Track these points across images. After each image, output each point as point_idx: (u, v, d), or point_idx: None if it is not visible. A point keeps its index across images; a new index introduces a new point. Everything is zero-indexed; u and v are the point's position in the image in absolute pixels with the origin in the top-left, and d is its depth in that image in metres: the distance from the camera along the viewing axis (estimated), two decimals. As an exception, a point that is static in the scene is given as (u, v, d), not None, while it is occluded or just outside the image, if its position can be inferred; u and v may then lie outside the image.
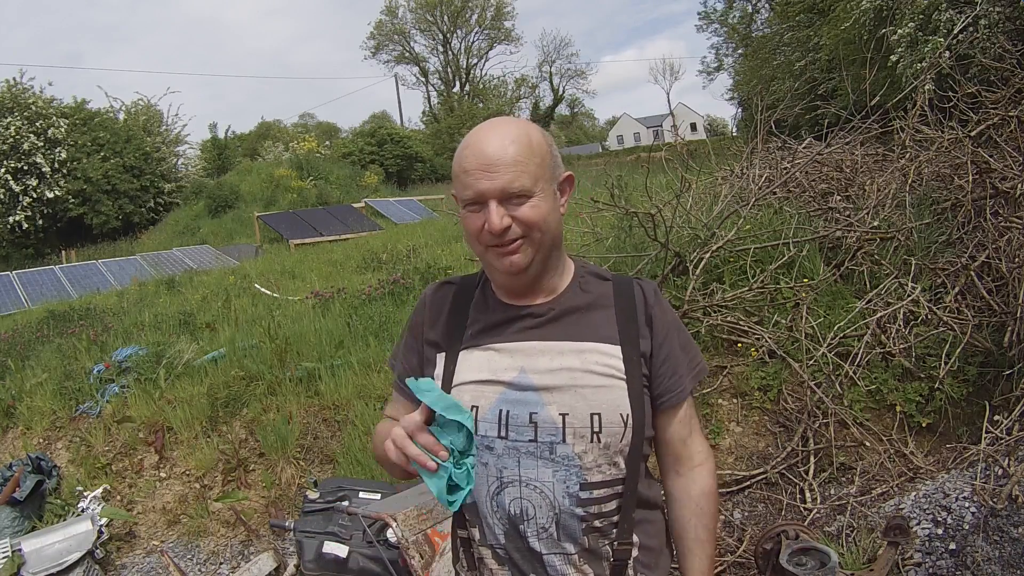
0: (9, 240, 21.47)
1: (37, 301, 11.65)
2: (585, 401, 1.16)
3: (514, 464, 1.17)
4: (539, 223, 1.17)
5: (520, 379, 1.18)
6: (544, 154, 1.19)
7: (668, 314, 1.28)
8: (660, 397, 1.24)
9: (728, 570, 2.67)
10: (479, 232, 1.17)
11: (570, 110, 58.62)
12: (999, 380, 2.95)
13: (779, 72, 14.13)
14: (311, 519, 2.75)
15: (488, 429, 1.18)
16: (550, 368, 1.18)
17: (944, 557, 2.38)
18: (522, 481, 1.16)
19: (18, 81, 22.29)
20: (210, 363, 4.92)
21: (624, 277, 1.32)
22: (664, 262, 3.62)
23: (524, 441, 1.16)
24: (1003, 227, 3.37)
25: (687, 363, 1.26)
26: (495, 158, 1.14)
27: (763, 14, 22.33)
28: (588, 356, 1.19)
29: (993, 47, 6.24)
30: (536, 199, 1.16)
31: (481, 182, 1.14)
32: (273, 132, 40.65)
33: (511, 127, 1.19)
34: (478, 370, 1.21)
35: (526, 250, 1.17)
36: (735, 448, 3.16)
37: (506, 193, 1.14)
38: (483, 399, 1.19)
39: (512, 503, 1.17)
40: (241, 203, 21.27)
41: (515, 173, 1.14)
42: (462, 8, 42.07)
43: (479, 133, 1.19)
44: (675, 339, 1.26)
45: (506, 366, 1.20)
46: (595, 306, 1.25)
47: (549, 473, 1.15)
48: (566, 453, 1.15)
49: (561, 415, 1.15)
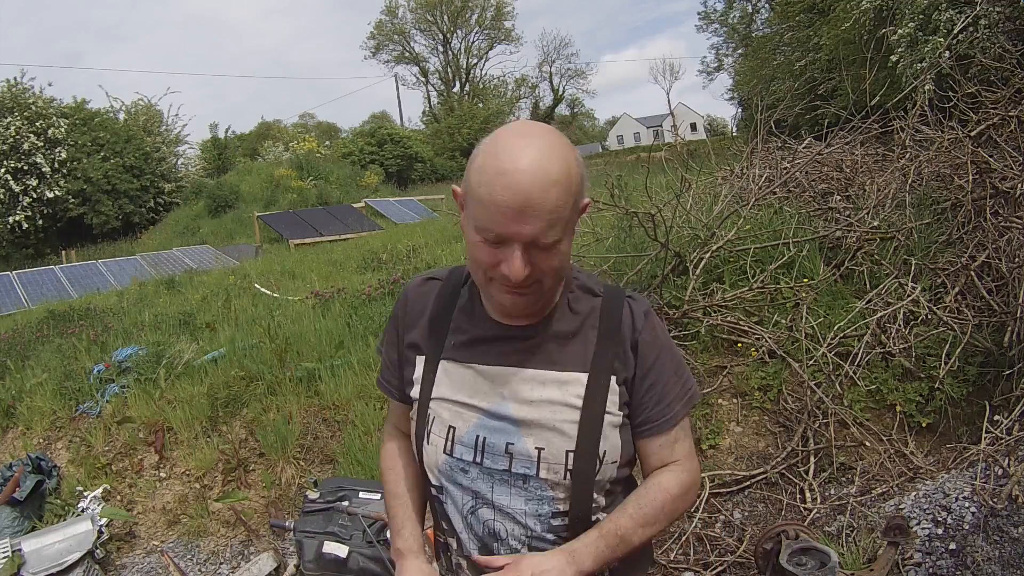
0: (9, 240, 21.48)
1: (37, 301, 11.65)
2: (562, 437, 1.12)
3: (488, 489, 1.15)
4: (560, 271, 1.09)
5: (499, 407, 1.14)
6: (580, 190, 1.06)
7: (659, 337, 1.19)
8: (643, 425, 1.18)
9: (728, 570, 2.67)
10: (489, 267, 1.06)
11: (570, 110, 58.56)
12: (999, 380, 2.95)
13: (779, 72, 14.12)
14: (311, 519, 2.75)
15: (464, 453, 1.16)
16: (530, 399, 1.13)
17: (944, 557, 2.38)
18: (495, 506, 1.15)
19: (18, 81, 22.34)
20: (210, 363, 4.91)
21: (616, 293, 1.21)
22: (664, 262, 3.62)
23: (498, 469, 1.14)
24: (1003, 227, 3.37)
25: (678, 389, 1.18)
26: (534, 202, 0.98)
27: (763, 14, 22.33)
28: (570, 388, 1.13)
29: (993, 47, 6.24)
30: (563, 244, 1.05)
31: (512, 226, 1.00)
32: (273, 132, 40.61)
33: (555, 159, 1.01)
34: (458, 389, 1.17)
35: (536, 294, 1.09)
36: (735, 448, 3.16)
37: (536, 243, 1.02)
38: (460, 421, 1.16)
39: (486, 523, 1.16)
40: (241, 203, 21.28)
41: (551, 221, 1.01)
42: (462, 8, 42.08)
43: (517, 159, 0.99)
44: (666, 364, 1.18)
45: (486, 390, 1.15)
46: (582, 329, 1.17)
47: (521, 502, 1.14)
48: (539, 486, 1.13)
49: (537, 448, 1.12)
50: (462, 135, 32.38)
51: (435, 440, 1.19)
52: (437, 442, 1.18)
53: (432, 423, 1.19)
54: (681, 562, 2.73)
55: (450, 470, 1.18)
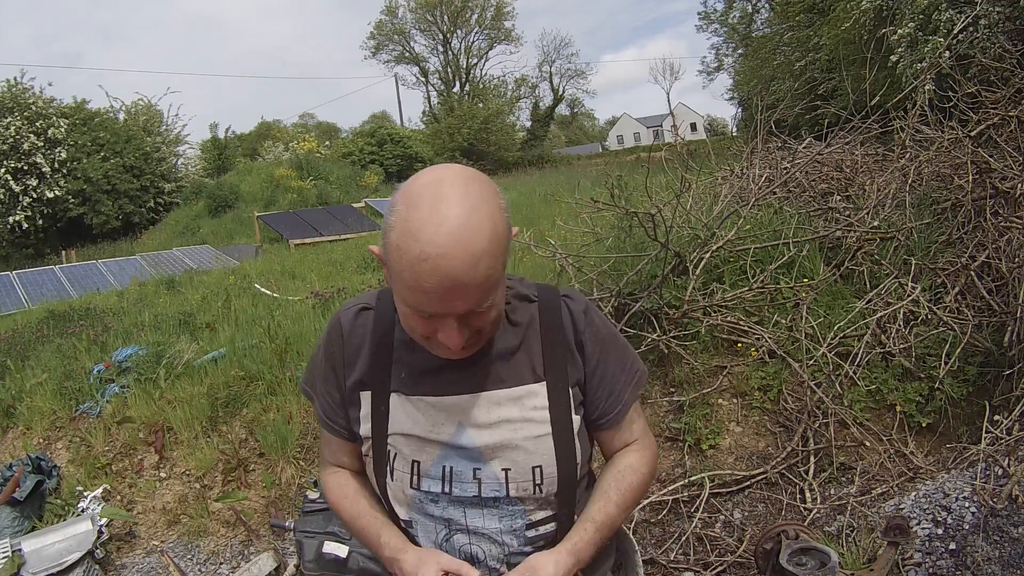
0: (9, 240, 21.48)
1: (37, 301, 11.64)
2: (527, 454, 1.12)
3: (460, 515, 1.14)
4: (498, 319, 1.06)
5: (459, 437, 1.12)
6: (507, 238, 0.99)
7: (601, 332, 1.19)
8: (599, 419, 1.20)
9: (728, 570, 2.67)
10: (424, 336, 1.04)
11: (570, 110, 58.59)
12: (999, 380, 2.95)
13: (779, 72, 14.14)
14: (311, 519, 2.75)
15: (431, 485, 1.14)
16: (488, 422, 1.11)
17: (944, 557, 2.38)
18: (470, 530, 1.15)
19: (18, 81, 22.33)
20: (210, 363, 4.91)
21: (551, 293, 1.19)
22: (664, 262, 3.62)
23: (468, 496, 1.13)
24: (1003, 227, 3.37)
25: (624, 378, 1.20)
26: (464, 283, 0.93)
27: (763, 14, 22.34)
28: (525, 402, 1.12)
29: (993, 47, 6.24)
30: (498, 295, 1.02)
31: (443, 307, 0.96)
32: (273, 132, 40.66)
33: (480, 225, 0.93)
34: (414, 424, 1.13)
35: (477, 344, 1.07)
36: (735, 448, 3.16)
37: (470, 313, 0.99)
38: (423, 454, 1.14)
39: (461, 548, 1.15)
40: (241, 203, 21.27)
41: (485, 292, 0.96)
42: (462, 8, 42.05)
43: (438, 239, 0.91)
44: (610, 357, 1.18)
45: (443, 421, 1.12)
46: (524, 339, 1.15)
47: (495, 521, 1.14)
48: (510, 503, 1.13)
49: (504, 470, 1.12)
50: (462, 135, 32.36)
51: (399, 476, 1.16)
52: (402, 477, 1.16)
53: (393, 460, 1.16)
54: (681, 562, 2.73)
55: (420, 503, 1.16)
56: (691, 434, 3.20)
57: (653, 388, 3.50)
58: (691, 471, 3.08)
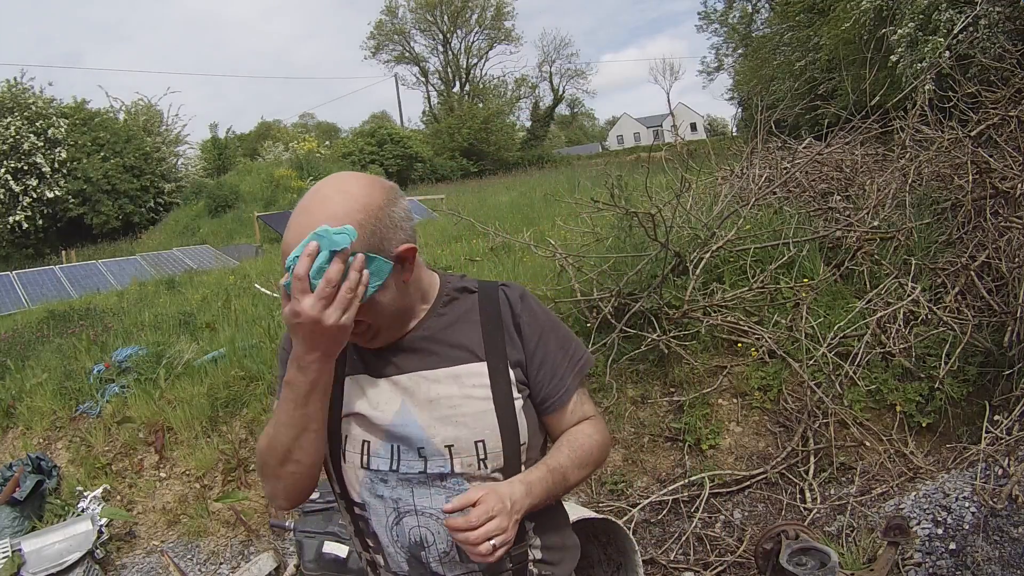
0: (9, 240, 21.50)
1: (37, 301, 11.65)
2: (468, 429, 1.15)
3: (408, 495, 1.17)
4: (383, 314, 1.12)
5: (402, 415, 1.16)
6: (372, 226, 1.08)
7: (539, 316, 1.24)
8: (544, 403, 1.23)
9: (728, 570, 2.67)
10: None
11: (570, 110, 58.62)
12: (999, 380, 2.95)
13: (779, 72, 14.14)
14: (311, 519, 2.75)
15: (380, 464, 1.18)
16: (429, 398, 1.16)
17: (944, 557, 2.38)
18: (418, 511, 1.17)
19: (18, 81, 22.35)
20: (210, 363, 4.91)
21: (490, 284, 1.27)
22: (664, 262, 3.62)
23: (415, 473, 1.16)
24: (1003, 227, 3.37)
25: (567, 362, 1.24)
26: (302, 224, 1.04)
27: (763, 14, 22.34)
28: (465, 380, 1.17)
29: (993, 47, 6.25)
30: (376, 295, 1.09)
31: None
32: (273, 132, 40.66)
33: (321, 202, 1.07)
34: (363, 403, 1.19)
35: (370, 335, 1.15)
36: (735, 448, 3.16)
37: None
38: (371, 434, 1.18)
39: (411, 532, 1.18)
40: (241, 203, 21.27)
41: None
42: (462, 8, 42.08)
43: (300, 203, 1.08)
44: (550, 340, 1.23)
45: (387, 400, 1.17)
46: (462, 322, 1.21)
47: (442, 500, 1.15)
48: (457, 482, 1.16)
49: (447, 447, 1.15)
50: (462, 135, 32.36)
51: (351, 457, 1.20)
52: (353, 458, 1.20)
53: (345, 442, 1.20)
54: (681, 562, 2.73)
55: (370, 483, 1.19)
56: (691, 434, 3.20)
57: (653, 388, 3.50)
58: (691, 471, 3.08)
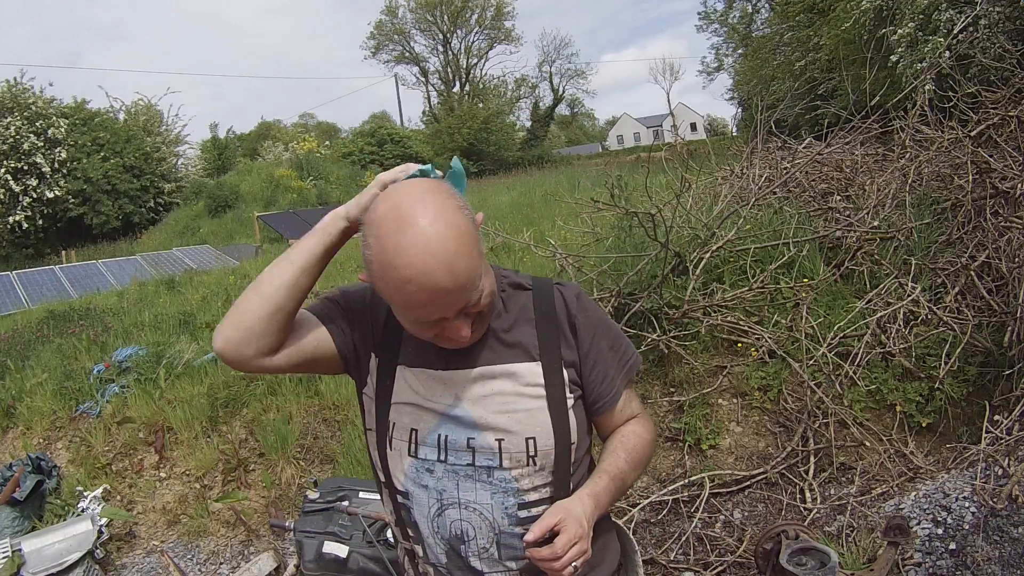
0: (9, 240, 21.49)
1: (37, 301, 11.64)
2: (520, 426, 1.15)
3: (453, 487, 1.17)
4: (492, 302, 1.12)
5: (455, 408, 1.17)
6: (475, 231, 1.07)
7: (593, 316, 1.24)
8: (595, 404, 1.24)
9: (728, 570, 2.67)
10: (432, 337, 1.11)
11: (570, 110, 58.64)
12: (999, 380, 2.95)
13: (779, 72, 14.13)
14: (311, 519, 2.74)
15: (428, 453, 1.18)
16: (483, 394, 1.16)
17: (944, 557, 2.38)
18: (461, 504, 1.16)
19: (18, 81, 22.32)
20: (210, 363, 4.91)
21: (544, 283, 1.26)
22: (664, 262, 3.62)
23: (462, 465, 1.16)
24: (1003, 227, 3.37)
25: (617, 363, 1.25)
26: (449, 288, 1.01)
27: (763, 14, 22.33)
28: (519, 378, 1.17)
29: (993, 47, 6.24)
30: (483, 283, 1.07)
31: (439, 313, 1.05)
32: (273, 132, 40.68)
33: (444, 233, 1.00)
34: (415, 393, 1.19)
35: (479, 332, 1.14)
36: (735, 448, 3.16)
37: (466, 308, 1.07)
38: (422, 423, 1.18)
39: (452, 524, 1.17)
40: (241, 203, 21.27)
41: (470, 287, 1.04)
42: (462, 8, 42.06)
43: (412, 258, 0.98)
44: (602, 341, 1.23)
45: (441, 393, 1.18)
46: (519, 322, 1.21)
47: (487, 496, 1.15)
48: (503, 477, 1.15)
49: (497, 440, 1.15)
50: (462, 135, 32.35)
51: (398, 445, 1.20)
52: (400, 447, 1.20)
53: (393, 429, 1.21)
54: (681, 562, 2.73)
55: (416, 472, 1.19)
56: (691, 434, 3.20)
57: (653, 388, 3.50)
58: (691, 471, 3.08)
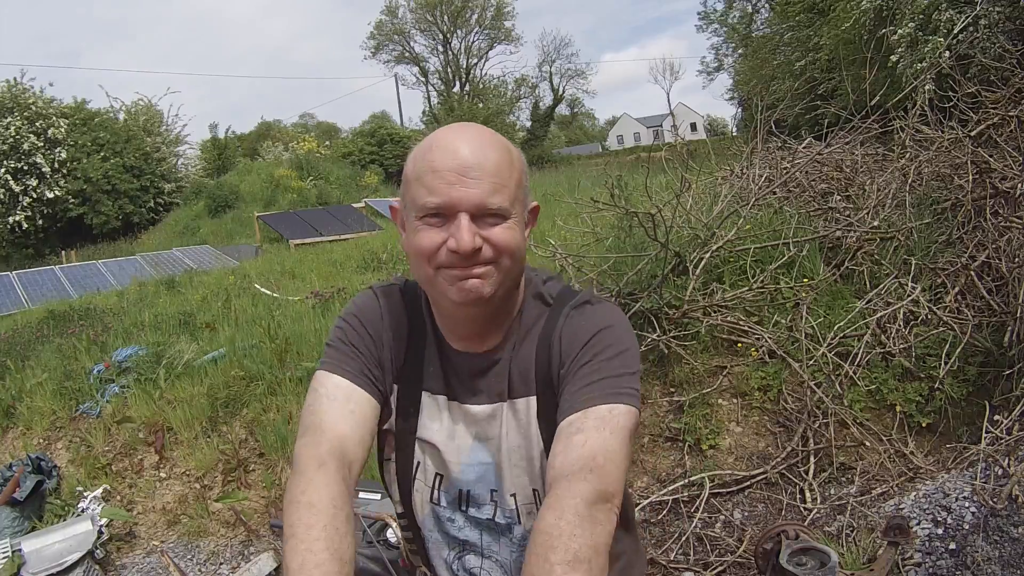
0: (9, 240, 21.49)
1: (37, 301, 11.64)
2: (527, 476, 1.08)
3: (476, 537, 1.13)
4: (513, 250, 0.99)
5: (476, 453, 1.10)
6: (522, 174, 1.03)
7: (600, 354, 1.06)
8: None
9: (728, 570, 2.67)
10: (435, 250, 0.97)
11: (570, 110, 58.55)
12: (999, 380, 2.95)
13: (779, 72, 14.14)
14: (311, 519, 2.74)
15: (449, 502, 1.13)
16: (500, 434, 1.08)
17: (944, 557, 2.38)
18: (484, 553, 1.13)
19: (18, 81, 22.33)
20: (210, 363, 4.91)
21: (560, 304, 1.10)
22: (664, 262, 3.62)
23: (483, 519, 1.12)
24: (1003, 227, 3.37)
25: (589, 374, 1.05)
26: (474, 163, 0.95)
27: (763, 14, 22.34)
28: (521, 416, 1.08)
29: (993, 47, 6.24)
30: (512, 222, 0.98)
31: (455, 188, 0.94)
32: (273, 132, 40.69)
33: (488, 133, 1.01)
34: (438, 431, 1.11)
35: (492, 277, 0.99)
36: (735, 448, 3.16)
37: (481, 209, 0.96)
38: (446, 469, 1.11)
39: (471, 569, 1.14)
40: (241, 203, 21.28)
41: (495, 186, 0.96)
42: (462, 8, 42.03)
43: (450, 132, 0.99)
44: (587, 360, 1.06)
45: (463, 432, 1.10)
46: (529, 343, 1.09)
47: (507, 552, 1.12)
48: (522, 534, 1.10)
49: (512, 496, 1.09)
50: (462, 135, 32.31)
51: (420, 487, 1.13)
52: (423, 489, 1.14)
53: (417, 469, 1.13)
54: (681, 562, 2.73)
55: (436, 519, 1.15)
56: (691, 434, 3.20)
57: (653, 388, 3.50)
58: (691, 471, 3.08)
